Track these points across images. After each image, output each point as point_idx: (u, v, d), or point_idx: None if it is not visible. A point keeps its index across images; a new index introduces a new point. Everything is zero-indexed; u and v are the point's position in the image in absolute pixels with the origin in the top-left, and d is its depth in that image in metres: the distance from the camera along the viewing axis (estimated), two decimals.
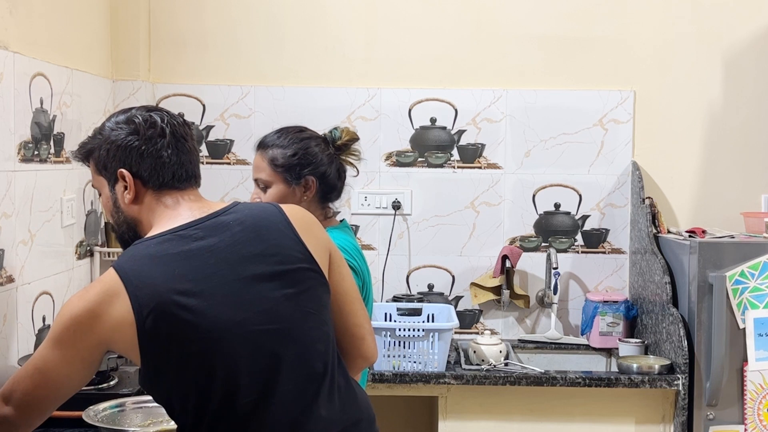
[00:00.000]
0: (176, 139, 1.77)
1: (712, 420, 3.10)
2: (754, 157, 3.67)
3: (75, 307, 1.61)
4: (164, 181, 1.75)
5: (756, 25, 3.65)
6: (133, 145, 1.73)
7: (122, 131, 1.74)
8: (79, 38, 3.25)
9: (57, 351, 1.62)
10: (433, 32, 3.70)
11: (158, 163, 1.74)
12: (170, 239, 1.67)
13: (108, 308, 1.59)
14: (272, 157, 2.32)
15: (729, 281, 3.07)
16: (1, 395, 1.68)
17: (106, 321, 1.59)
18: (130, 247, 1.70)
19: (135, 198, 1.75)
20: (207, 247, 1.67)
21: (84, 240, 3.24)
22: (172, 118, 1.78)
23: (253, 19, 3.69)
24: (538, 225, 3.71)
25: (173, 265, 1.63)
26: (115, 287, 1.60)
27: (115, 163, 1.75)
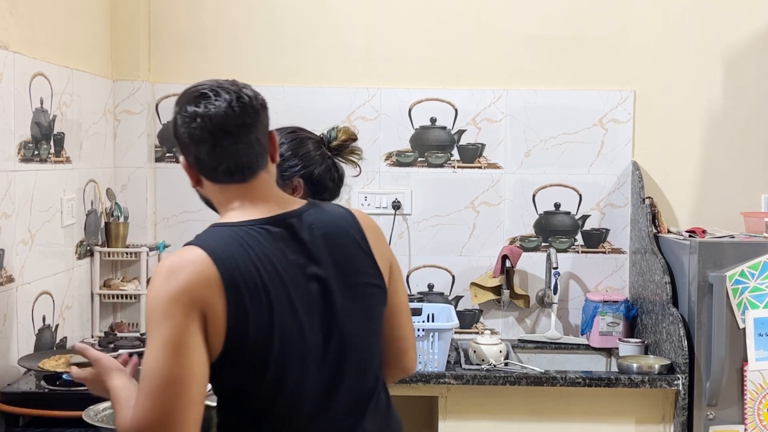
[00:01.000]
0: (212, 134, 1.66)
1: (712, 420, 3.10)
2: (754, 157, 3.67)
3: (170, 283, 1.54)
4: (212, 175, 1.70)
5: (756, 26, 3.65)
6: (183, 138, 1.69)
7: (176, 120, 1.70)
8: (79, 38, 3.25)
9: (171, 330, 1.51)
10: (434, 32, 3.70)
11: (201, 157, 1.68)
12: (246, 230, 1.63)
13: (199, 277, 1.54)
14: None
15: (729, 281, 3.06)
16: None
17: (200, 289, 1.54)
18: (207, 230, 1.66)
19: (195, 182, 1.73)
20: (270, 251, 1.63)
21: (84, 240, 3.24)
22: (215, 110, 1.66)
23: (253, 19, 3.69)
24: (538, 225, 3.71)
25: (251, 256, 1.60)
26: (201, 257, 1.56)
27: (177, 147, 1.74)
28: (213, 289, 1.54)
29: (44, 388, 2.42)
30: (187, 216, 3.69)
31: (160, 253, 3.54)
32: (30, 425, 2.38)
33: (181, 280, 1.54)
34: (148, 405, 1.50)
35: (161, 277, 1.55)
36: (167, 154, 3.69)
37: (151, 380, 1.50)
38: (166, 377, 1.50)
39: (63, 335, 3.04)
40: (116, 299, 3.39)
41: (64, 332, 3.04)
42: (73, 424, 2.29)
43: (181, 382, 1.50)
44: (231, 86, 1.71)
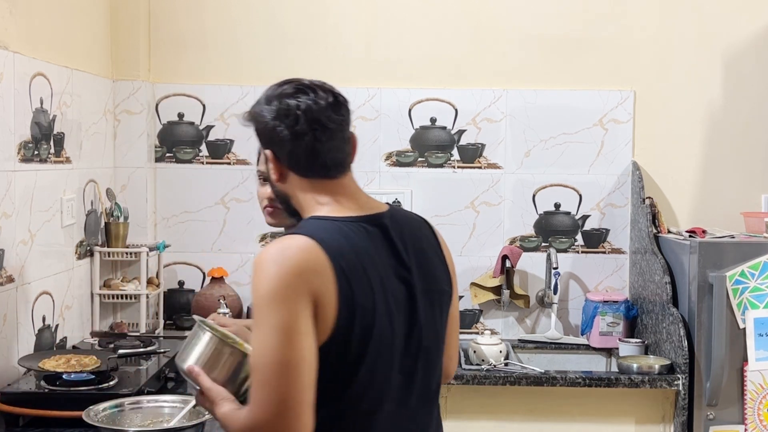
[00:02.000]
0: (314, 129, 1.68)
1: (712, 420, 3.10)
2: (754, 157, 3.67)
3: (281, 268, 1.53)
4: (305, 171, 1.70)
5: (756, 26, 3.65)
6: (275, 131, 1.69)
7: (267, 113, 1.71)
8: (79, 38, 3.25)
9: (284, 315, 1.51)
10: (433, 32, 3.70)
11: (297, 155, 1.69)
12: (337, 226, 1.64)
13: (310, 263, 1.55)
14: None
15: (729, 281, 3.06)
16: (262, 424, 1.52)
17: (311, 275, 1.54)
18: (303, 222, 1.67)
19: (279, 177, 1.73)
20: (369, 248, 1.65)
21: (84, 240, 3.24)
22: (315, 105, 1.69)
23: (253, 19, 3.69)
24: (538, 225, 3.71)
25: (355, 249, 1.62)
26: (310, 244, 1.57)
27: (263, 141, 1.74)
28: (324, 277, 1.55)
29: (44, 388, 2.42)
30: (187, 216, 3.69)
31: (159, 253, 3.54)
32: (30, 425, 2.37)
33: (292, 266, 1.53)
34: (265, 392, 1.51)
35: (271, 264, 1.55)
36: (167, 154, 3.69)
37: (266, 367, 1.51)
38: (280, 363, 1.50)
39: (63, 335, 3.04)
40: (116, 299, 3.39)
41: (64, 332, 3.04)
42: (73, 424, 2.29)
43: (297, 367, 1.50)
44: (324, 85, 1.75)
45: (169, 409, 2.23)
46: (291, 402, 1.50)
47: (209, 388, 1.74)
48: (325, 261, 1.56)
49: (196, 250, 3.71)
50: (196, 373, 1.77)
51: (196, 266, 3.72)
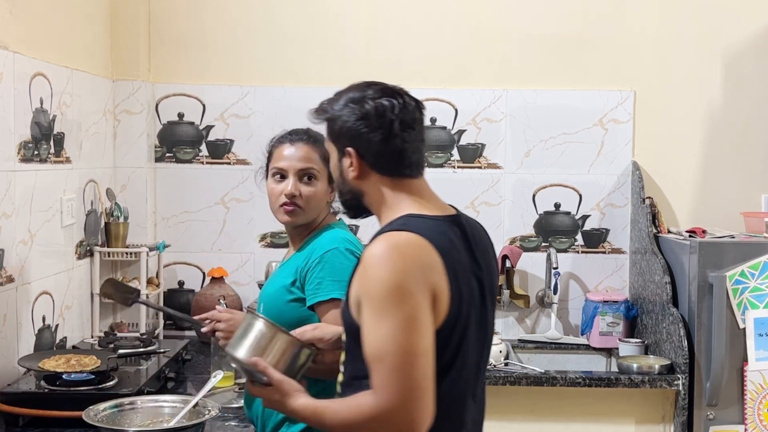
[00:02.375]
0: (404, 130, 1.76)
1: (712, 420, 3.10)
2: (754, 157, 3.67)
3: (404, 263, 1.60)
4: (392, 169, 1.77)
5: (756, 25, 3.65)
6: (362, 131, 1.76)
7: (353, 113, 1.77)
8: (79, 38, 3.25)
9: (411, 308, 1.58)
10: (433, 32, 3.69)
11: (384, 153, 1.76)
12: (434, 225, 1.71)
13: (426, 260, 1.62)
14: (323, 153, 2.19)
15: (729, 281, 3.06)
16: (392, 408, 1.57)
17: (429, 270, 1.62)
18: (401, 219, 1.71)
19: (359, 175, 1.78)
20: (459, 247, 1.72)
21: (84, 240, 3.24)
22: (403, 107, 1.77)
23: (253, 19, 3.69)
24: (538, 225, 3.71)
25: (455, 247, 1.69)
26: (422, 240, 1.63)
27: (345, 140, 1.78)
28: (438, 272, 1.63)
29: (44, 388, 2.42)
30: (186, 216, 3.69)
31: (159, 253, 3.54)
32: (30, 425, 2.37)
33: (414, 261, 1.61)
34: (395, 380, 1.56)
35: (389, 259, 1.61)
36: (167, 154, 3.69)
37: (395, 355, 1.56)
38: (410, 352, 1.56)
39: (63, 335, 3.04)
40: None
41: (64, 332, 3.04)
42: (73, 424, 2.29)
43: (425, 355, 1.58)
44: (402, 89, 1.83)
45: (169, 409, 2.23)
46: (419, 390, 1.56)
47: (281, 380, 1.77)
48: (436, 257, 1.64)
49: (196, 250, 3.71)
50: (264, 366, 1.78)
51: (196, 266, 3.72)
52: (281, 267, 2.34)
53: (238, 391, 2.68)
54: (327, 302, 2.14)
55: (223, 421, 2.43)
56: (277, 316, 2.16)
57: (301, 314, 2.17)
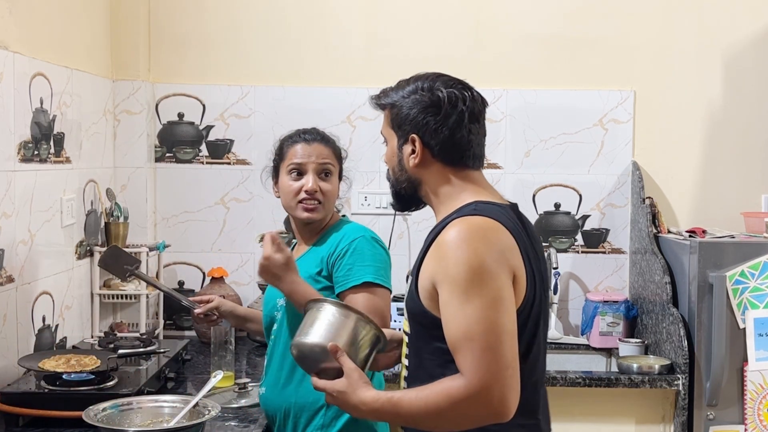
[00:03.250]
0: (471, 122, 1.80)
1: (712, 420, 3.10)
2: (754, 157, 3.67)
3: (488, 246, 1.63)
4: (455, 159, 1.79)
5: (756, 25, 3.65)
6: (429, 119, 1.77)
7: (422, 100, 1.79)
8: (79, 38, 3.25)
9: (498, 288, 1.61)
10: (433, 32, 3.69)
11: (450, 142, 1.78)
12: (502, 211, 1.73)
13: (506, 243, 1.66)
14: (336, 150, 2.41)
15: (729, 281, 3.06)
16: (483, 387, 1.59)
17: (509, 253, 1.65)
18: (471, 205, 1.73)
19: (421, 163, 1.80)
20: (523, 233, 1.74)
21: (84, 240, 3.24)
22: (472, 99, 1.81)
23: (253, 19, 3.69)
24: (538, 225, 3.70)
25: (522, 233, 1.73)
26: (498, 225, 1.67)
27: (409, 127, 1.80)
28: (515, 255, 1.66)
29: (44, 388, 2.42)
30: (186, 216, 3.69)
31: (159, 253, 3.54)
32: (30, 425, 2.37)
33: (496, 243, 1.64)
34: (490, 361, 1.57)
35: (472, 242, 1.63)
36: (167, 154, 3.69)
37: (486, 335, 1.57)
38: (502, 332, 1.59)
39: (63, 335, 3.04)
40: (116, 299, 3.39)
41: (64, 332, 3.04)
42: (73, 424, 2.29)
43: (513, 335, 1.60)
44: (467, 83, 1.87)
45: (169, 409, 2.23)
46: (510, 369, 1.59)
47: (353, 369, 1.74)
48: (511, 239, 1.67)
49: (196, 250, 3.71)
50: (341, 352, 1.75)
51: (196, 266, 3.72)
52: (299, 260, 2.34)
53: (238, 391, 2.68)
54: (359, 286, 2.18)
55: (223, 421, 2.43)
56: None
57: None
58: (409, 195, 1.86)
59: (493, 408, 1.58)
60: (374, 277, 2.18)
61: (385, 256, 2.27)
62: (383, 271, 2.22)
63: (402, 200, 1.89)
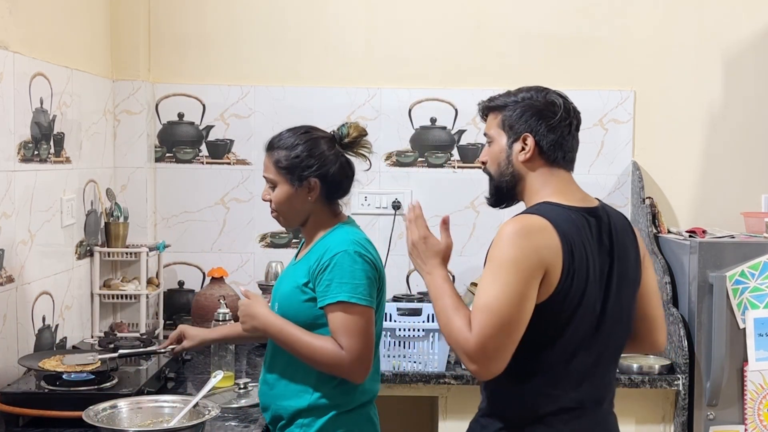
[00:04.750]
0: (575, 129, 2.06)
1: (712, 420, 3.10)
2: (754, 157, 3.67)
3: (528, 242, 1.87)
4: (557, 159, 2.01)
5: (756, 25, 3.65)
6: (548, 120, 2.02)
7: (537, 106, 2.04)
8: (79, 38, 3.25)
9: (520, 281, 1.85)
10: (433, 32, 3.70)
11: (559, 143, 2.01)
12: (565, 212, 1.95)
13: (548, 242, 1.88)
14: (276, 159, 2.31)
15: (729, 281, 3.06)
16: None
17: (547, 252, 1.87)
18: (539, 205, 1.97)
19: (529, 160, 2.01)
20: (588, 235, 1.95)
21: (84, 240, 3.24)
22: (576, 110, 2.09)
23: (253, 19, 3.69)
24: None
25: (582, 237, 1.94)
26: (547, 225, 1.89)
27: (525, 126, 2.02)
28: (555, 252, 1.87)
29: (44, 388, 2.42)
30: (186, 216, 3.69)
31: (159, 253, 3.54)
32: (30, 425, 2.37)
33: (533, 244, 1.87)
34: (488, 334, 1.83)
35: (517, 237, 1.88)
36: (167, 154, 3.69)
37: (495, 316, 1.83)
38: (507, 318, 1.83)
39: (63, 335, 3.04)
40: (116, 299, 3.39)
41: (64, 332, 3.04)
42: (73, 424, 2.29)
43: (516, 324, 1.84)
44: None
45: (169, 409, 2.23)
46: (503, 349, 1.84)
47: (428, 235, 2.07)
48: (557, 240, 1.88)
49: (196, 250, 3.71)
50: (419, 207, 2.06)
51: (196, 266, 3.72)
52: (295, 265, 2.36)
53: (238, 391, 2.68)
54: (334, 305, 2.16)
55: (223, 421, 2.43)
56: (294, 315, 2.23)
57: (315, 313, 2.22)
58: (509, 189, 2.06)
59: (473, 364, 1.84)
60: (349, 296, 2.15)
61: (369, 270, 2.21)
62: (362, 288, 2.17)
63: (500, 193, 2.08)
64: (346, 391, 2.23)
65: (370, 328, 2.19)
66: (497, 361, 1.84)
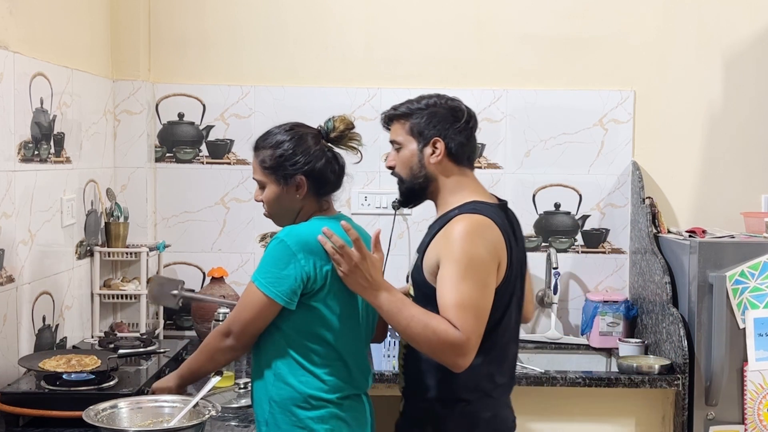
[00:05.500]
0: (475, 132, 2.28)
1: (712, 420, 3.10)
2: (754, 157, 3.67)
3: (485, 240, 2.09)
4: (464, 160, 2.24)
5: (756, 25, 3.65)
6: (454, 125, 2.22)
7: (444, 111, 2.24)
8: (79, 38, 3.25)
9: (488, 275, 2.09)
10: (433, 32, 3.70)
11: (464, 145, 2.23)
12: (494, 210, 2.18)
13: (497, 239, 2.12)
14: (261, 159, 2.29)
15: (729, 281, 3.06)
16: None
17: (499, 249, 2.12)
18: (471, 204, 2.17)
19: (439, 162, 2.21)
20: (509, 228, 2.20)
21: (84, 240, 3.24)
22: (475, 115, 2.30)
23: (253, 19, 3.69)
24: (538, 225, 3.71)
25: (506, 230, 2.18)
26: (493, 224, 2.12)
27: (434, 131, 2.22)
28: (502, 248, 2.12)
29: (44, 388, 2.42)
30: (186, 216, 3.70)
31: (159, 253, 3.54)
32: (30, 425, 2.38)
33: (491, 241, 2.10)
34: (474, 324, 2.03)
35: (475, 236, 2.08)
36: (167, 154, 3.69)
37: (475, 311, 2.04)
38: (484, 309, 2.07)
39: (63, 335, 3.04)
40: (116, 299, 3.39)
41: (64, 332, 3.04)
42: (73, 424, 2.29)
43: (487, 315, 2.08)
44: None
45: (169, 409, 2.23)
46: (479, 335, 2.05)
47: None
48: (500, 236, 2.12)
49: (196, 250, 3.71)
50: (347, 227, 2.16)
51: (196, 266, 3.72)
52: None
53: (238, 391, 2.68)
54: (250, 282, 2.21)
55: (223, 421, 2.43)
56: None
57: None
58: (421, 190, 2.24)
59: (464, 356, 2.03)
60: (255, 277, 2.19)
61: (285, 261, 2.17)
62: (271, 276, 2.16)
63: (412, 194, 2.27)
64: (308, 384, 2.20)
65: (255, 312, 2.17)
66: (477, 344, 2.05)
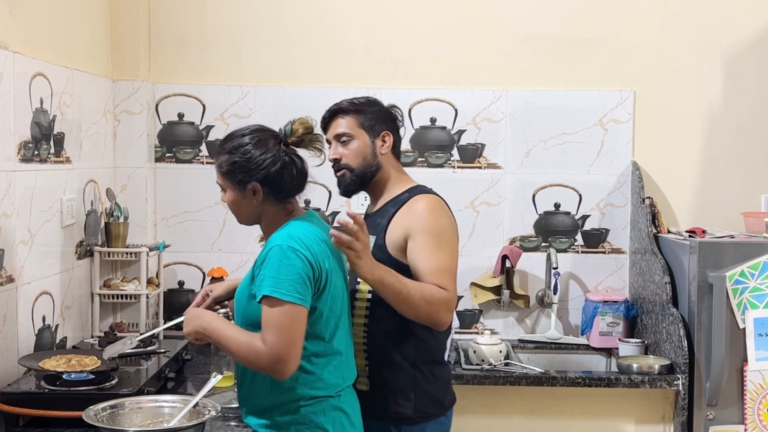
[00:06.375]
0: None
1: (712, 420, 3.10)
2: (754, 157, 3.67)
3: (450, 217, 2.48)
4: (399, 153, 2.60)
5: (756, 25, 3.65)
6: (395, 123, 2.58)
7: (386, 111, 2.56)
8: (79, 38, 3.25)
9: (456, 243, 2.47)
10: (433, 32, 3.70)
11: (400, 140, 2.60)
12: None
13: (449, 210, 2.51)
14: (219, 164, 2.27)
15: (729, 281, 3.07)
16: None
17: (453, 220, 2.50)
18: (419, 187, 2.53)
19: (385, 154, 2.52)
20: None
21: (84, 240, 3.24)
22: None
23: (253, 19, 3.69)
24: (538, 225, 3.71)
25: None
26: (444, 201, 2.50)
27: (384, 126, 2.53)
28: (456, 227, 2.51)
29: (44, 388, 2.42)
30: (186, 216, 3.70)
31: (159, 253, 3.54)
32: (30, 425, 2.38)
33: (450, 216, 2.48)
34: (454, 286, 2.37)
35: (443, 209, 2.46)
36: (167, 154, 3.69)
37: (452, 271, 2.39)
38: (456, 273, 2.41)
39: (63, 335, 3.04)
40: (116, 299, 3.39)
41: (64, 332, 3.04)
42: (73, 424, 2.29)
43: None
44: None
45: (169, 409, 2.23)
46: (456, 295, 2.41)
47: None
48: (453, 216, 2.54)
49: (196, 250, 3.71)
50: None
51: (196, 266, 3.72)
52: None
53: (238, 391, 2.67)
54: (262, 299, 2.11)
55: (223, 421, 2.43)
56: (243, 312, 2.20)
57: (260, 310, 2.13)
58: (370, 178, 2.52)
59: (449, 311, 2.37)
60: (271, 290, 2.09)
61: (300, 265, 2.12)
62: (287, 283, 2.10)
63: (362, 182, 2.52)
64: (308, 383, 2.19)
65: (291, 323, 2.10)
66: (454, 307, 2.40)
